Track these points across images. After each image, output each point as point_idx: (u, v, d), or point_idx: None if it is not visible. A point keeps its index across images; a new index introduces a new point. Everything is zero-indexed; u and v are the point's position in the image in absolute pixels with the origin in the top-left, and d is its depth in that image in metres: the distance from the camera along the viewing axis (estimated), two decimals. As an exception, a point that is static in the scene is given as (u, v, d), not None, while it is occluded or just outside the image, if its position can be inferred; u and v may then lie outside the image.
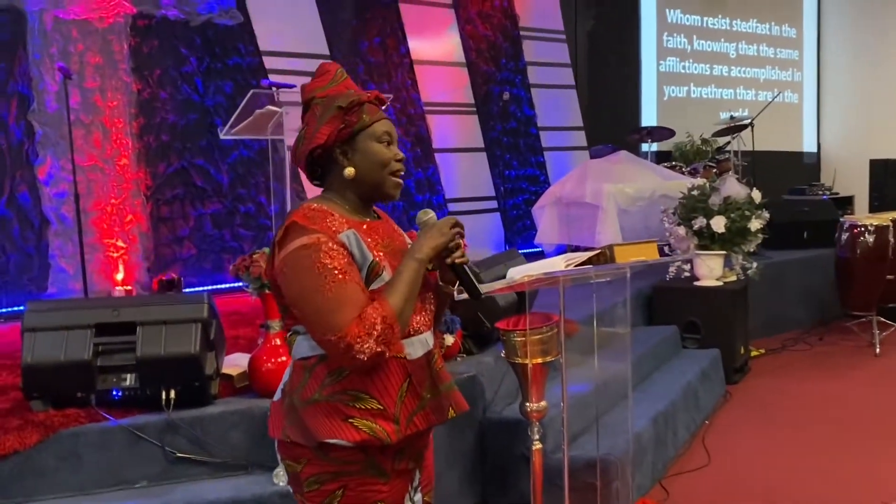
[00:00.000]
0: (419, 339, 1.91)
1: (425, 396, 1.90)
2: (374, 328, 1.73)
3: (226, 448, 3.15)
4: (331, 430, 1.79)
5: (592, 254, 2.49)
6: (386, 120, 1.93)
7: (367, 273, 1.83)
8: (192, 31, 6.43)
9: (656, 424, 4.14)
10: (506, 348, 3.39)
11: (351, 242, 1.82)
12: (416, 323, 1.89)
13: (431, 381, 1.92)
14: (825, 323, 7.23)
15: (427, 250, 1.85)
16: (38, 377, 3.06)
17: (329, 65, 2.00)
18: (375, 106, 1.94)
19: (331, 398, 1.81)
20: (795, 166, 11.95)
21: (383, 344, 1.74)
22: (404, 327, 1.82)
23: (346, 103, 1.88)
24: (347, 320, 1.72)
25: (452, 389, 1.99)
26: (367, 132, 1.88)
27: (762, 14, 11.68)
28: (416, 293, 1.84)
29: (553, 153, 9.08)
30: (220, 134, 5.12)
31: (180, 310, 3.16)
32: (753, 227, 5.75)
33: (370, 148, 1.89)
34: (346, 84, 1.96)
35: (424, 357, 1.91)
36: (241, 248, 6.60)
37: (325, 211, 1.84)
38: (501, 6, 8.65)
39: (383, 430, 1.80)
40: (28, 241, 5.67)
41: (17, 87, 5.64)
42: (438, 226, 1.88)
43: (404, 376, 1.86)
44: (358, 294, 1.77)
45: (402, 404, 1.85)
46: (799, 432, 4.70)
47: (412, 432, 1.86)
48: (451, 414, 1.96)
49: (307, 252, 1.77)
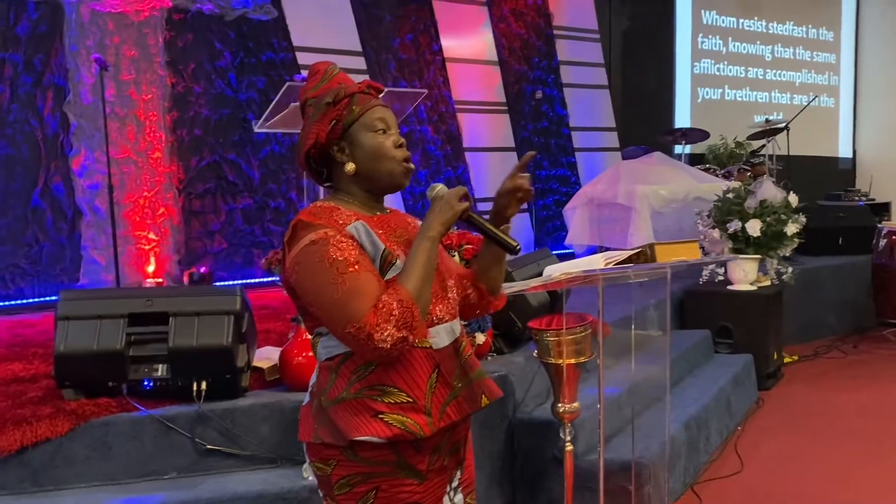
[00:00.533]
0: (444, 327, 1.85)
1: (456, 385, 1.84)
2: (392, 313, 1.66)
3: (255, 441, 3.14)
4: (360, 428, 1.73)
5: (633, 252, 2.44)
6: (379, 107, 1.86)
7: (381, 263, 1.77)
8: (227, 25, 6.45)
9: (689, 429, 4.07)
10: (539, 348, 3.34)
11: (360, 233, 1.77)
12: (438, 311, 1.84)
13: (461, 370, 1.86)
14: (860, 331, 7.10)
15: (438, 227, 1.77)
16: (71, 366, 3.06)
17: (319, 64, 1.96)
18: (369, 95, 1.88)
19: (358, 395, 1.75)
20: (830, 171, 11.78)
21: (405, 328, 1.67)
22: (425, 309, 1.74)
23: (332, 98, 1.83)
24: (364, 310, 1.66)
25: (483, 377, 1.93)
26: (360, 123, 1.83)
27: (799, 17, 11.52)
28: (433, 273, 1.77)
29: (585, 154, 9.00)
30: (254, 127, 5.12)
31: (213, 301, 3.14)
32: (790, 231, 5.65)
33: (365, 139, 1.83)
34: (337, 80, 1.91)
35: (451, 346, 1.86)
36: (272, 244, 6.62)
37: (330, 207, 1.81)
38: (535, 4, 8.60)
39: (415, 423, 1.74)
40: (61, 231, 5.72)
41: (53, 78, 5.69)
42: (446, 198, 1.79)
43: (432, 366, 1.80)
44: (372, 283, 1.71)
45: (433, 395, 1.79)
46: (833, 443, 4.60)
47: (446, 424, 1.80)
48: (484, 401, 1.89)
49: (316, 247, 1.72)
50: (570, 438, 3.31)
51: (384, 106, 1.88)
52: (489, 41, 8.22)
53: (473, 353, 1.94)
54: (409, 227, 1.93)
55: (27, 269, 5.58)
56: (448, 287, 1.90)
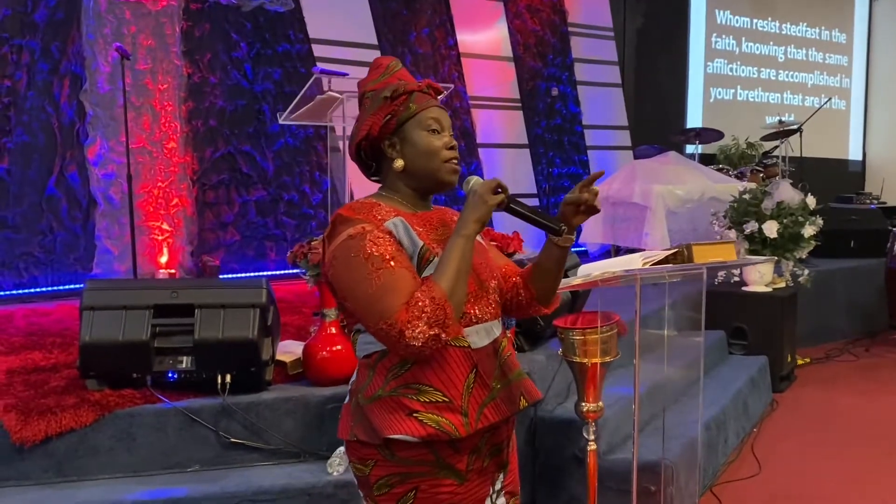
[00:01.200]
0: (483, 327, 1.81)
1: (495, 387, 1.80)
2: (424, 310, 1.63)
3: (279, 435, 3.12)
4: (394, 426, 1.71)
5: (670, 252, 2.41)
6: (436, 108, 1.85)
7: (418, 260, 1.75)
8: (244, 16, 6.42)
9: (709, 430, 4.06)
10: (563, 346, 3.32)
11: (398, 229, 1.76)
12: (478, 311, 1.81)
13: (500, 371, 1.83)
14: (871, 334, 7.09)
15: (472, 225, 1.74)
16: (96, 356, 3.04)
17: (383, 58, 1.95)
18: (428, 95, 1.87)
19: (394, 392, 1.73)
20: (840, 174, 11.76)
21: (437, 326, 1.64)
22: (459, 307, 1.71)
23: (390, 93, 1.83)
24: (396, 306, 1.64)
25: (523, 378, 1.89)
26: (414, 121, 1.82)
27: (812, 18, 11.48)
28: (468, 271, 1.73)
29: (597, 152, 8.97)
30: (277, 118, 5.09)
31: (239, 293, 3.12)
32: (807, 233, 5.63)
33: (417, 137, 1.82)
34: (398, 75, 1.90)
35: (490, 346, 1.82)
36: (284, 237, 6.60)
37: (371, 203, 1.80)
38: (550, 1, 8.56)
39: (450, 423, 1.71)
40: (76, 220, 5.70)
41: (70, 66, 5.66)
42: (479, 193, 1.76)
43: (470, 366, 1.77)
44: (407, 280, 1.68)
45: (471, 395, 1.76)
46: (848, 446, 4.59)
47: (484, 425, 1.77)
48: (523, 403, 1.86)
49: (353, 242, 1.71)
50: (593, 437, 3.30)
51: (441, 108, 1.88)
52: (504, 37, 8.18)
53: (514, 354, 1.91)
54: (452, 224, 1.89)
55: (41, 258, 5.56)
56: (488, 287, 1.86)
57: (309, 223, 6.72)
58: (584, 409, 3.30)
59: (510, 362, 1.87)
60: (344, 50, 6.89)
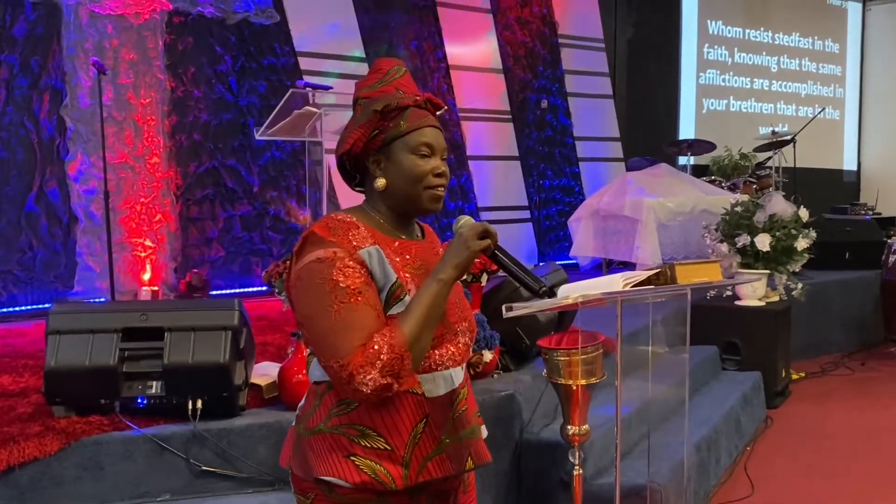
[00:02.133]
0: (443, 374, 1.70)
1: (444, 440, 1.69)
2: (379, 357, 1.54)
3: (252, 462, 3.01)
4: (329, 467, 1.63)
5: (652, 273, 2.32)
6: (430, 129, 1.71)
7: (388, 295, 1.64)
8: (228, 29, 6.34)
9: (700, 451, 3.96)
10: (548, 367, 3.23)
11: (372, 259, 1.64)
12: (439, 356, 1.69)
13: (452, 425, 1.71)
14: (867, 347, 7.00)
15: (450, 270, 1.63)
16: (61, 382, 2.93)
17: (384, 62, 1.81)
18: (426, 111, 1.74)
19: (335, 430, 1.64)
20: (835, 184, 11.69)
21: (389, 376, 1.55)
22: (419, 357, 1.61)
23: (381, 107, 1.68)
24: (351, 347, 1.54)
25: (475, 436, 1.78)
26: (403, 141, 1.69)
27: (805, 28, 11.44)
28: (437, 319, 1.63)
29: (588, 164, 8.90)
30: (255, 134, 5.00)
31: (210, 316, 3.02)
32: (800, 246, 5.54)
33: (403, 159, 1.69)
34: (397, 84, 1.75)
35: (447, 396, 1.71)
36: (270, 252, 6.50)
37: (349, 223, 1.66)
38: (541, 13, 8.50)
39: (388, 473, 1.62)
40: (56, 238, 5.60)
41: (50, 81, 5.57)
42: (463, 237, 1.64)
43: (420, 415, 1.66)
44: (369, 318, 1.58)
45: (416, 447, 1.65)
46: (844, 463, 4.49)
47: (425, 479, 1.66)
48: (469, 465, 1.75)
49: (320, 266, 1.59)
50: (579, 462, 3.20)
51: (436, 128, 1.73)
52: (494, 49, 8.11)
53: (470, 409, 1.79)
54: (435, 259, 1.77)
55: (20, 276, 5.45)
56: (456, 330, 1.74)
57: (295, 238, 6.61)
58: (570, 432, 3.20)
59: (465, 417, 1.75)
60: (331, 63, 6.81)
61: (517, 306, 2.03)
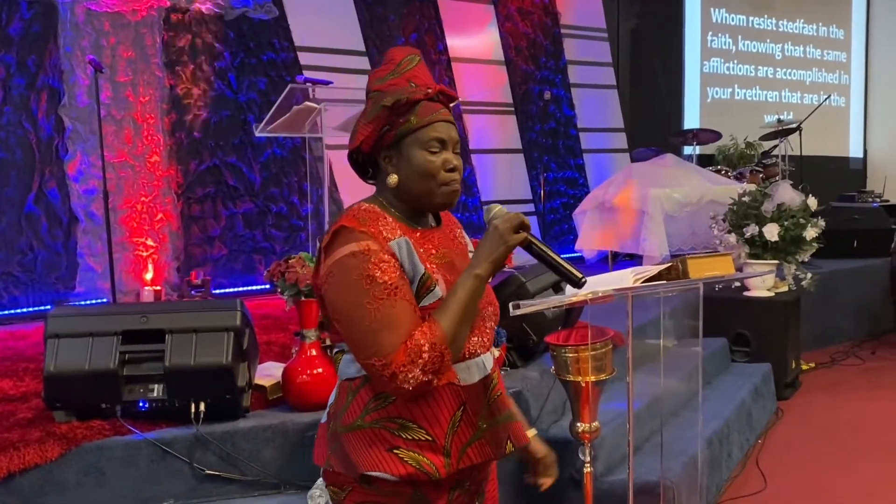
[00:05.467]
0: (475, 362, 1.69)
1: (481, 426, 1.69)
2: (421, 355, 1.54)
3: (257, 465, 2.97)
4: (373, 462, 1.62)
5: (663, 267, 2.26)
6: (441, 123, 1.67)
7: (418, 287, 1.62)
8: (227, 25, 6.28)
9: (711, 446, 3.90)
10: (556, 364, 3.17)
11: (402, 251, 1.62)
12: (472, 345, 1.68)
13: (488, 410, 1.71)
14: (877, 336, 6.93)
15: (486, 265, 1.61)
16: (61, 386, 2.89)
17: (397, 51, 1.75)
18: (438, 104, 1.69)
19: (375, 425, 1.63)
20: (841, 172, 11.59)
21: (431, 373, 1.55)
22: (457, 352, 1.61)
23: (391, 102, 1.64)
24: (394, 345, 1.54)
25: (512, 420, 1.77)
26: (413, 137, 1.65)
27: (809, 14, 11.33)
28: (474, 314, 1.63)
29: (593, 155, 8.82)
30: (254, 131, 4.93)
31: (212, 317, 2.97)
32: (809, 235, 5.46)
33: (414, 155, 1.65)
34: (409, 75, 1.70)
35: (481, 383, 1.70)
36: (273, 249, 6.44)
37: (377, 213, 1.64)
38: (542, 3, 8.42)
39: (431, 463, 1.62)
40: (56, 238, 5.55)
41: (47, 80, 5.52)
42: (499, 231, 1.61)
43: (458, 404, 1.66)
44: (408, 314, 1.57)
45: (455, 435, 1.65)
46: (857, 455, 4.43)
47: (466, 466, 1.66)
48: (508, 448, 1.74)
49: (355, 261, 1.57)
50: (589, 460, 3.14)
51: (447, 121, 1.69)
52: (495, 40, 8.03)
53: (504, 393, 1.78)
54: (455, 245, 1.77)
55: (21, 278, 5.40)
56: (486, 315, 1.74)
57: (298, 235, 6.57)
58: (580, 429, 3.14)
59: (500, 401, 1.75)
60: (331, 57, 6.74)
61: (524, 303, 1.97)
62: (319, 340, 3.19)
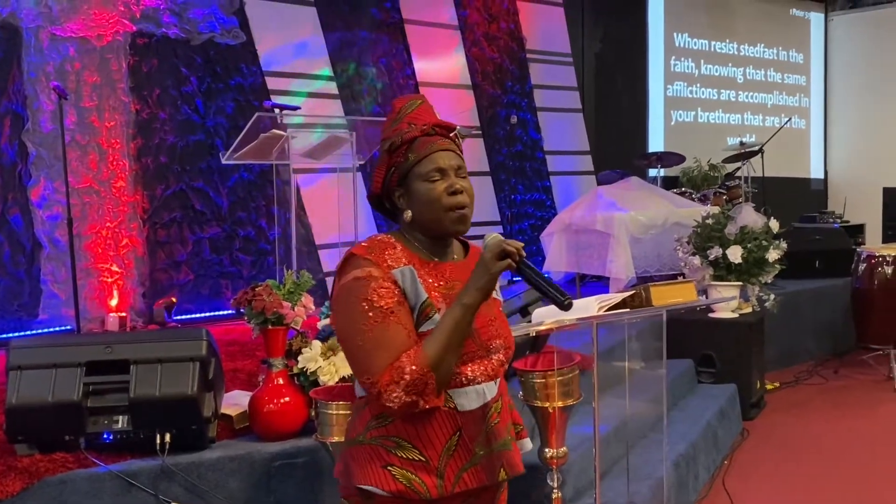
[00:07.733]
0: (475, 389, 1.78)
1: (478, 452, 1.78)
2: (403, 377, 1.65)
3: (224, 496, 2.95)
4: (368, 476, 1.74)
5: (627, 295, 2.29)
6: (438, 153, 1.79)
7: (418, 313, 1.74)
8: (193, 50, 6.26)
9: (678, 468, 3.93)
10: (524, 390, 3.20)
11: (405, 279, 1.75)
12: (470, 372, 1.77)
13: (485, 437, 1.79)
14: (839, 355, 7.04)
15: (473, 293, 1.70)
16: (23, 419, 2.85)
17: (398, 101, 1.90)
18: (435, 136, 1.80)
19: (374, 441, 1.76)
20: (802, 192, 11.79)
21: (413, 394, 1.66)
22: (444, 377, 1.70)
23: (388, 146, 1.82)
24: (382, 365, 1.66)
25: (507, 449, 1.85)
26: (415, 172, 1.79)
27: (770, 39, 11.55)
28: (461, 341, 1.71)
29: (559, 178, 8.90)
30: (221, 158, 4.92)
31: (177, 347, 2.95)
32: (771, 257, 5.56)
33: (417, 188, 1.79)
34: (410, 118, 1.84)
35: (480, 410, 1.79)
36: (240, 274, 6.40)
37: (388, 242, 1.79)
38: (508, 28, 8.51)
39: (423, 483, 1.72)
40: (19, 265, 5.47)
41: (10, 105, 5.46)
42: (484, 260, 1.70)
43: (453, 428, 1.76)
44: (400, 337, 1.69)
45: (451, 458, 1.75)
46: (822, 473, 4.49)
47: (461, 490, 1.75)
48: (502, 475, 1.82)
49: (357, 285, 1.72)
50: (557, 485, 3.16)
51: (445, 149, 1.80)
52: (462, 65, 8.10)
53: (503, 422, 1.86)
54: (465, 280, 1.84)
55: (-17, 305, 5.32)
56: (492, 348, 1.82)
57: (266, 259, 6.53)
58: (548, 455, 3.17)
59: (497, 429, 1.83)
60: (299, 82, 6.75)
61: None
62: (287, 369, 3.19)
